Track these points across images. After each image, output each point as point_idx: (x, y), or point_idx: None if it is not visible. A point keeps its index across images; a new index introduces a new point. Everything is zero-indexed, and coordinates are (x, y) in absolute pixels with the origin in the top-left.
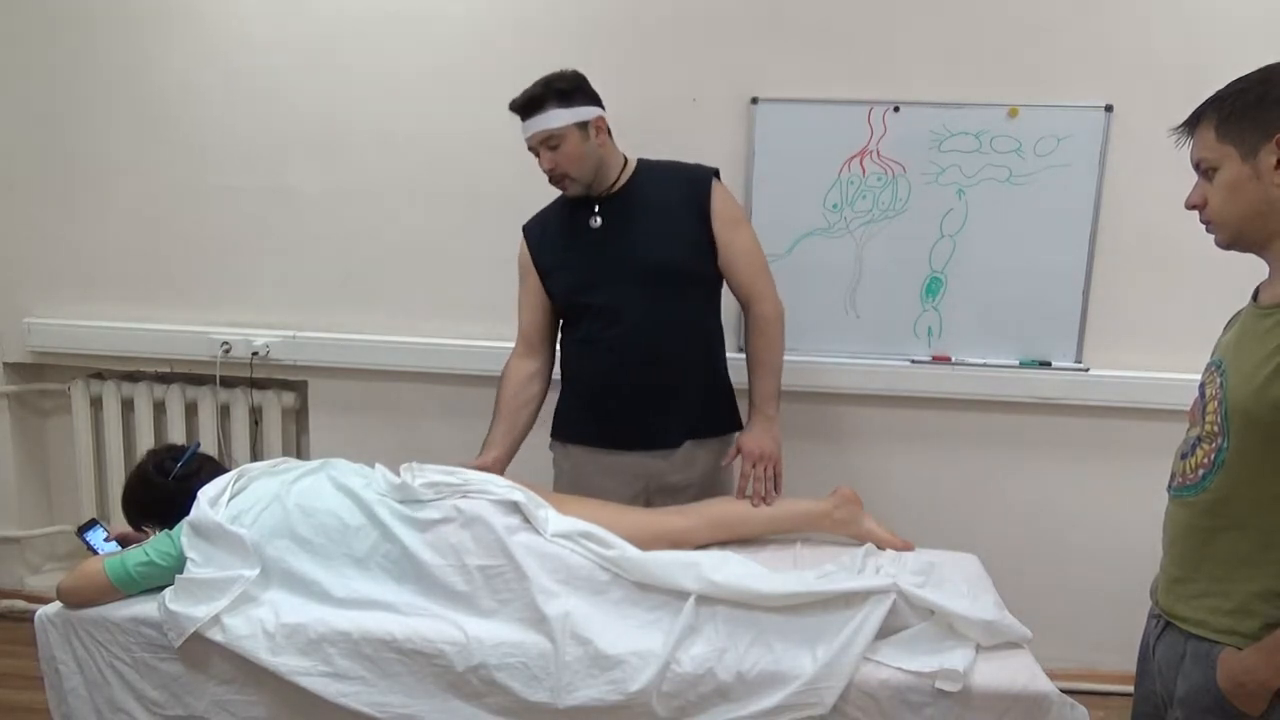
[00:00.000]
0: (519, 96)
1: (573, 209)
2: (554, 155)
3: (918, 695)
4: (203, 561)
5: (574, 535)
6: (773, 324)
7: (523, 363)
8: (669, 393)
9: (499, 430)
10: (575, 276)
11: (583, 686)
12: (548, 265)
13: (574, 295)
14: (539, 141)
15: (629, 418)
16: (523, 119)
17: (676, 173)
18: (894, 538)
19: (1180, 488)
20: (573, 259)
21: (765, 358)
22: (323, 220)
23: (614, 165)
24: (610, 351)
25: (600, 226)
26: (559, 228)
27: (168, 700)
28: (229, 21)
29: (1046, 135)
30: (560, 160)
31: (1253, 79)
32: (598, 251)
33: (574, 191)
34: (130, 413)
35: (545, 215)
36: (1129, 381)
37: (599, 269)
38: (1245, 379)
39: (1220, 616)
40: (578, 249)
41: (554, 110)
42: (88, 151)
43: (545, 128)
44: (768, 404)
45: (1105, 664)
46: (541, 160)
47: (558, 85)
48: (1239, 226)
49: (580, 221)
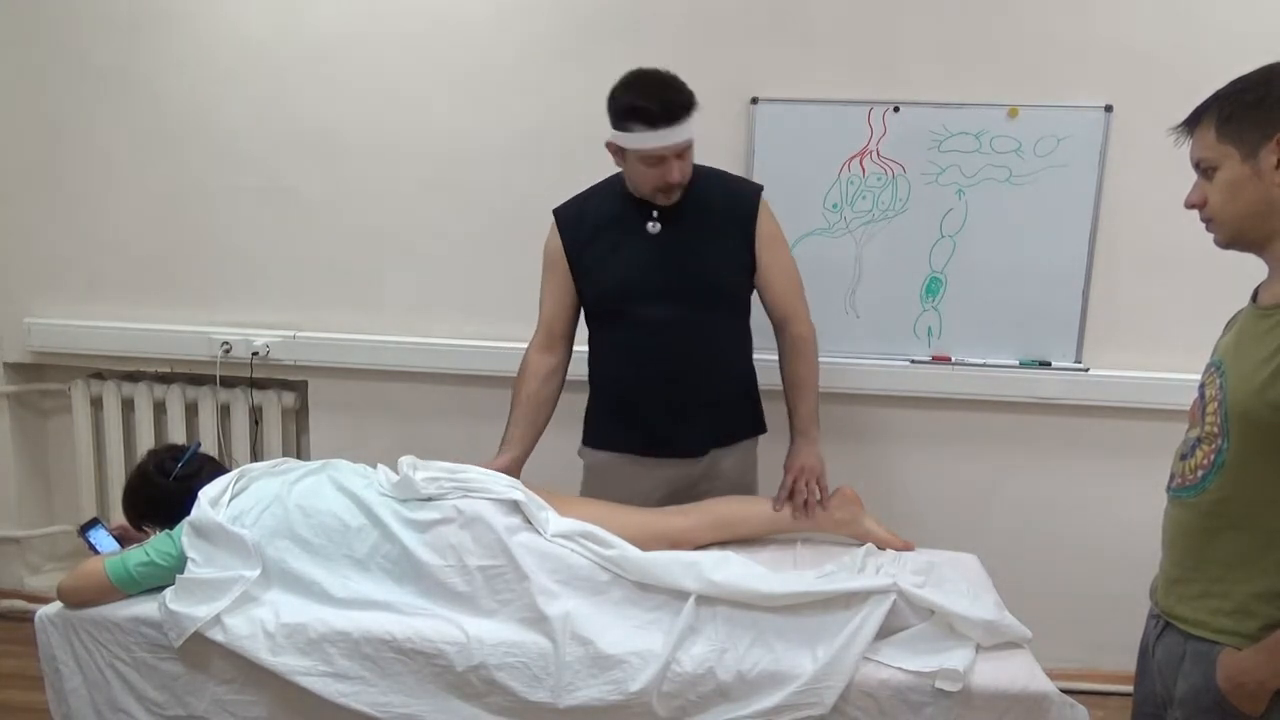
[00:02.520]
0: (652, 103)
1: (622, 206)
2: (684, 165)
3: (918, 695)
4: (203, 562)
5: (574, 535)
6: (809, 345)
7: (543, 357)
8: (702, 403)
9: (517, 429)
10: (621, 281)
11: (583, 686)
12: (587, 263)
13: (615, 300)
14: (676, 151)
15: (660, 426)
16: (656, 127)
17: (726, 187)
18: (894, 538)
19: (1180, 488)
20: (621, 262)
21: (804, 381)
22: (323, 220)
23: None
24: (646, 362)
25: (659, 233)
26: (605, 224)
27: (168, 700)
28: (229, 22)
29: (1046, 135)
30: (688, 170)
31: (1253, 79)
32: (651, 260)
33: (675, 200)
34: (130, 413)
35: (583, 205)
36: (1129, 381)
37: (649, 279)
38: (1245, 380)
39: (1220, 617)
40: (628, 253)
41: (690, 119)
42: (88, 152)
43: (687, 137)
44: (810, 427)
45: (1105, 664)
46: (671, 170)
47: (689, 92)
48: (1238, 226)
49: (632, 222)
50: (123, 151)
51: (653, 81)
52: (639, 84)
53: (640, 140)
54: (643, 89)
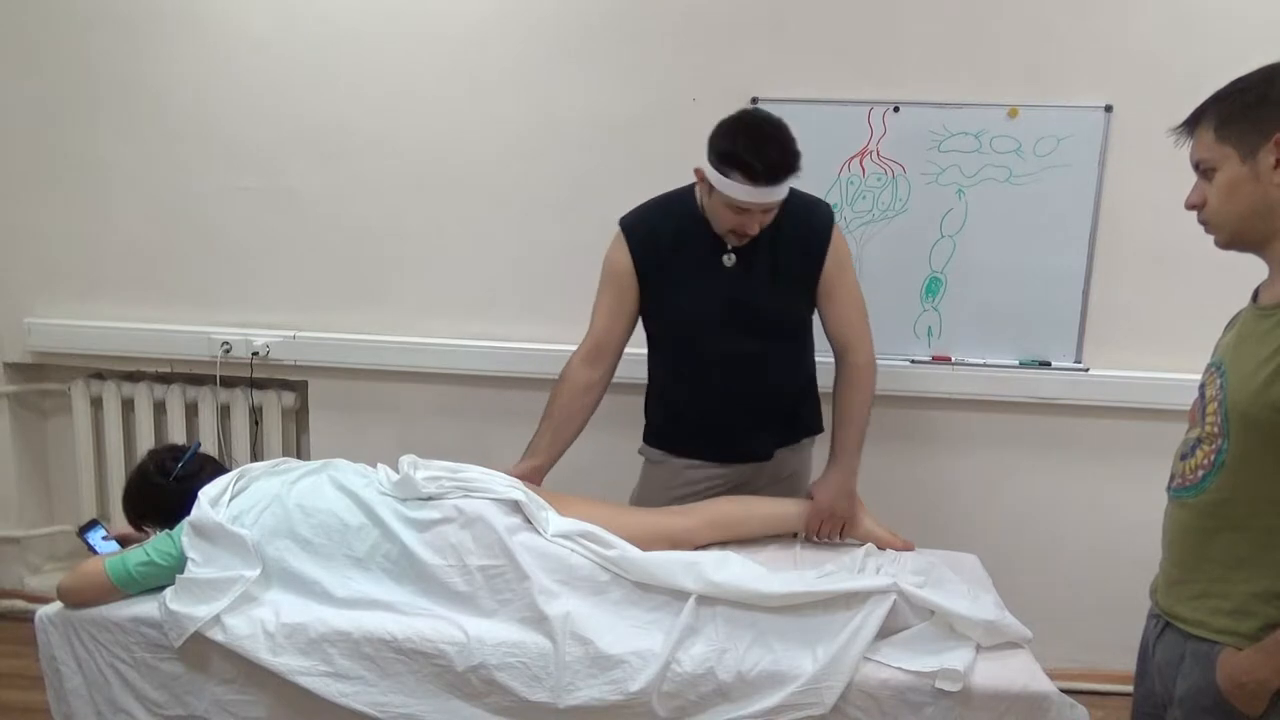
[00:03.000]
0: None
1: (695, 230)
2: (765, 219)
3: (918, 695)
4: (203, 561)
5: (574, 535)
6: (866, 374)
7: (585, 370)
8: (766, 418)
9: (545, 438)
10: (691, 313)
11: (583, 686)
12: (657, 286)
13: (682, 330)
14: (764, 209)
15: (723, 438)
16: (755, 184)
17: (800, 214)
18: (894, 537)
19: (1180, 488)
20: (696, 292)
21: (855, 412)
22: (323, 220)
23: None
24: (709, 387)
25: (732, 266)
26: (678, 249)
27: (168, 700)
28: (229, 22)
29: (1046, 135)
30: (768, 221)
31: (1252, 79)
32: (723, 293)
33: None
34: (130, 413)
35: (653, 223)
36: (1129, 381)
37: (720, 312)
38: (1245, 380)
39: (1220, 617)
40: (700, 284)
41: (791, 180)
42: (88, 151)
43: (781, 198)
44: (849, 456)
45: (1105, 664)
46: (749, 221)
47: (798, 150)
48: (1238, 227)
49: (706, 252)
50: (123, 151)
51: (765, 136)
52: (751, 135)
53: (733, 190)
54: (753, 142)
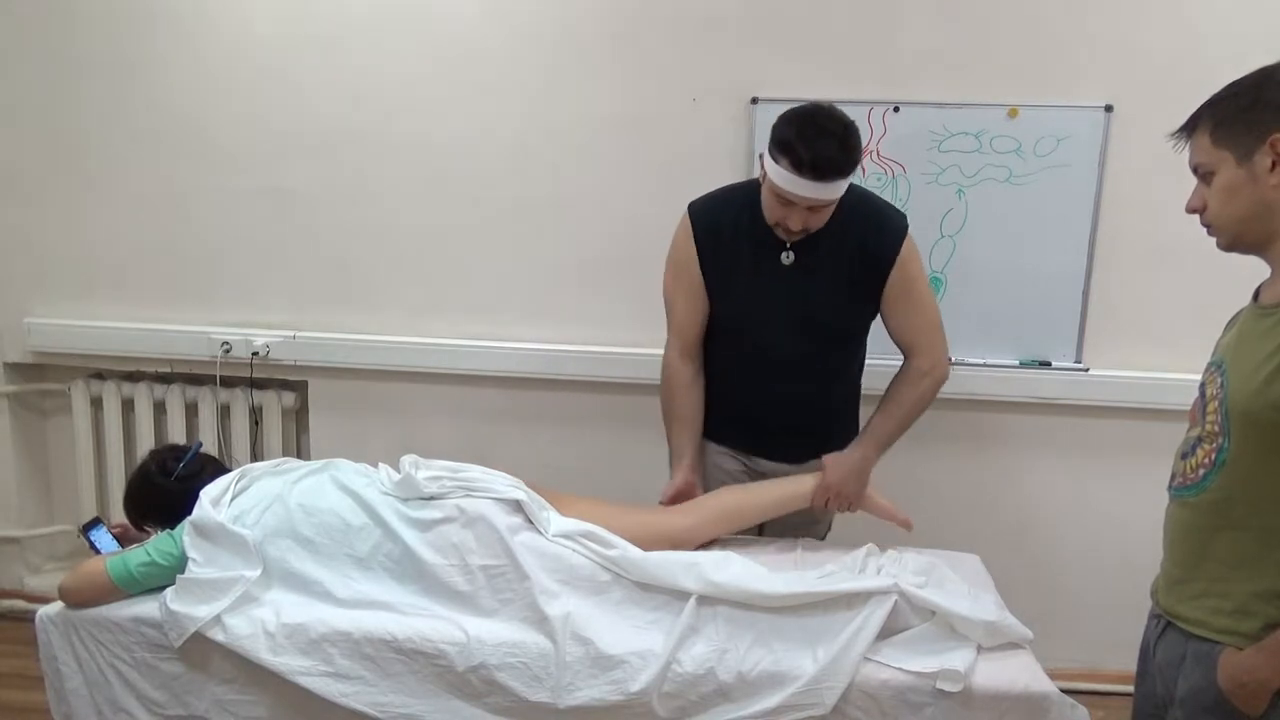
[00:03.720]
0: (810, 147)
1: (759, 224)
2: (810, 217)
3: (918, 696)
4: (204, 562)
5: (575, 535)
6: (928, 381)
7: (686, 366)
8: (808, 423)
9: (684, 439)
10: (752, 305)
11: (584, 686)
12: (719, 276)
13: (735, 322)
14: (809, 206)
15: (764, 439)
16: (800, 174)
17: (872, 221)
18: (892, 507)
19: (1180, 488)
20: (751, 288)
21: (900, 404)
22: (323, 220)
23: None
24: (758, 386)
25: (791, 264)
26: (740, 239)
27: (168, 700)
28: (229, 22)
29: (1046, 135)
30: (813, 222)
31: (1246, 83)
32: (779, 292)
33: (796, 239)
34: (130, 413)
35: (721, 213)
36: (1129, 381)
37: (775, 310)
38: (1246, 379)
39: (1220, 617)
40: (760, 279)
41: (841, 182)
42: (88, 152)
43: (828, 198)
44: (874, 444)
45: (1106, 664)
46: (791, 216)
47: (855, 157)
48: (1238, 229)
49: (767, 247)
50: (123, 151)
51: (822, 130)
52: (809, 125)
53: (779, 177)
54: (808, 133)
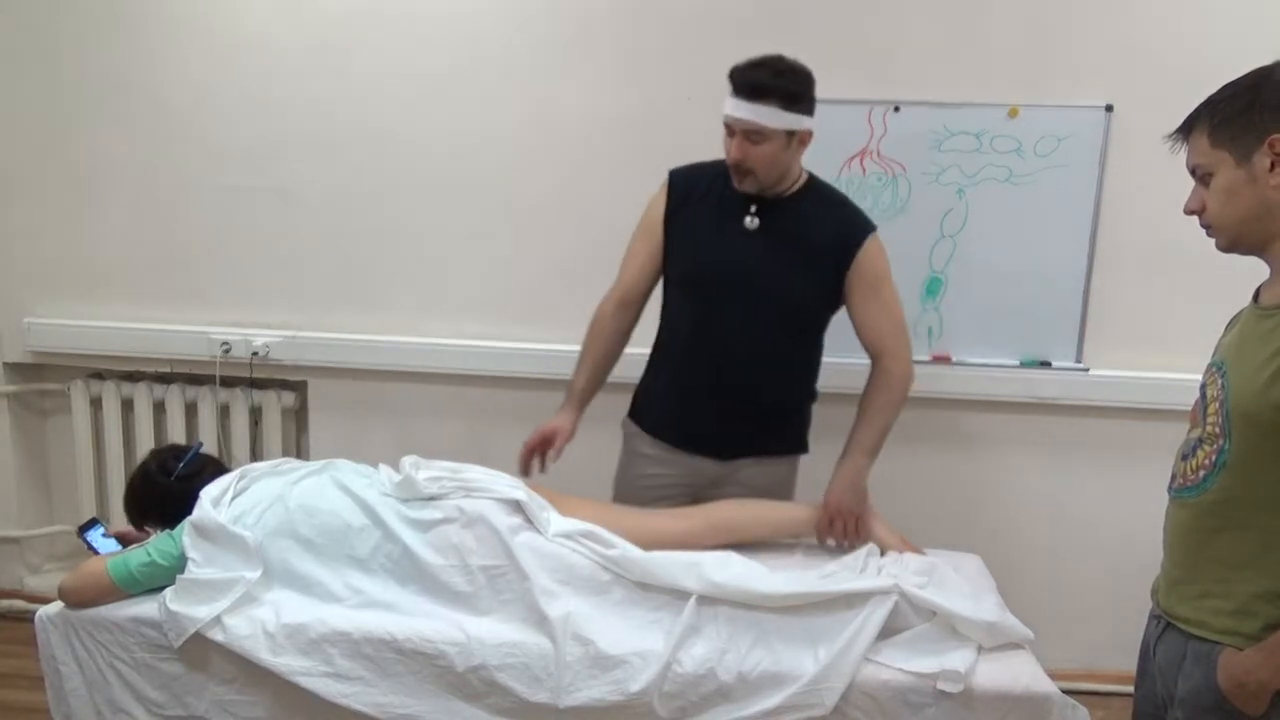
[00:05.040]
0: (745, 71)
1: (729, 186)
2: (749, 149)
3: (919, 696)
4: (204, 562)
5: (576, 535)
6: (898, 382)
7: (618, 316)
8: (744, 410)
9: (581, 381)
10: (707, 264)
11: (584, 687)
12: (679, 232)
13: (696, 281)
14: (742, 129)
15: (697, 421)
16: (735, 95)
17: (839, 212)
18: (905, 543)
19: (1181, 489)
20: (714, 243)
21: (877, 411)
22: (323, 220)
23: (792, 174)
24: (703, 352)
25: (755, 230)
26: (709, 199)
27: (168, 700)
28: (229, 22)
29: (1046, 135)
30: (753, 156)
31: (1243, 84)
32: (737, 252)
33: (747, 187)
34: (130, 413)
35: (699, 176)
36: (1129, 381)
37: (732, 271)
38: (1246, 380)
39: (1221, 617)
40: (723, 237)
41: (773, 108)
42: (88, 152)
43: (756, 121)
44: (860, 454)
45: (1106, 664)
46: (732, 145)
47: (788, 84)
48: (1237, 230)
49: (733, 208)
50: (122, 151)
51: (762, 60)
52: (756, 58)
53: (726, 104)
54: (751, 61)
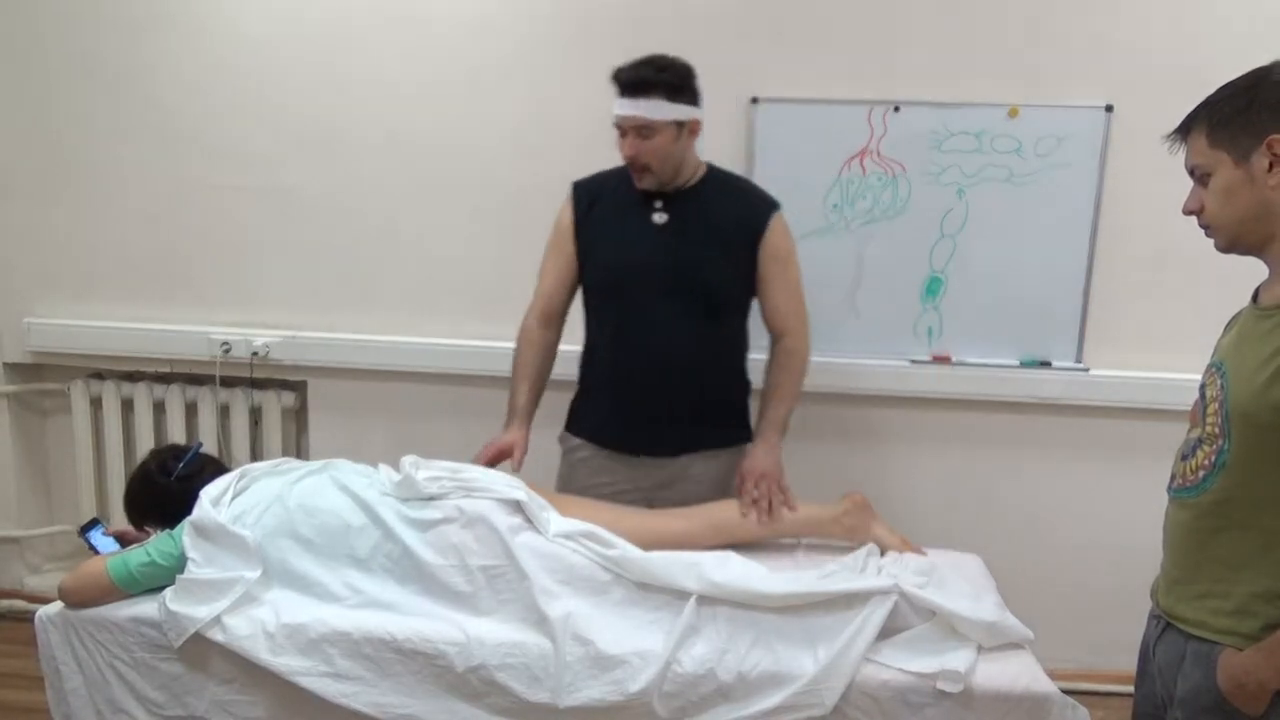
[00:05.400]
0: (626, 71)
1: (633, 188)
2: (641, 145)
3: (919, 696)
4: (204, 562)
5: (576, 535)
6: (799, 360)
7: (543, 332)
8: (683, 404)
9: (522, 395)
10: (621, 262)
11: (584, 687)
12: (589, 238)
13: (612, 284)
14: (632, 126)
15: (637, 421)
16: (621, 95)
17: (742, 195)
18: (905, 543)
19: (1180, 489)
20: (625, 243)
21: (783, 390)
22: (323, 220)
23: (690, 165)
24: (633, 351)
25: (663, 224)
26: (615, 205)
27: (168, 700)
28: (229, 22)
29: (1046, 135)
30: (646, 151)
31: (1241, 84)
32: (653, 248)
33: (647, 184)
34: (130, 413)
35: (602, 182)
36: (1129, 381)
37: (649, 266)
38: (1246, 381)
39: (1220, 617)
40: (633, 236)
41: (658, 101)
42: (88, 152)
43: (644, 115)
44: (773, 431)
45: (1106, 664)
46: (626, 144)
47: (669, 77)
48: (1236, 230)
49: (640, 207)
50: (122, 151)
51: (647, 58)
52: (640, 59)
53: (614, 106)
54: (634, 61)
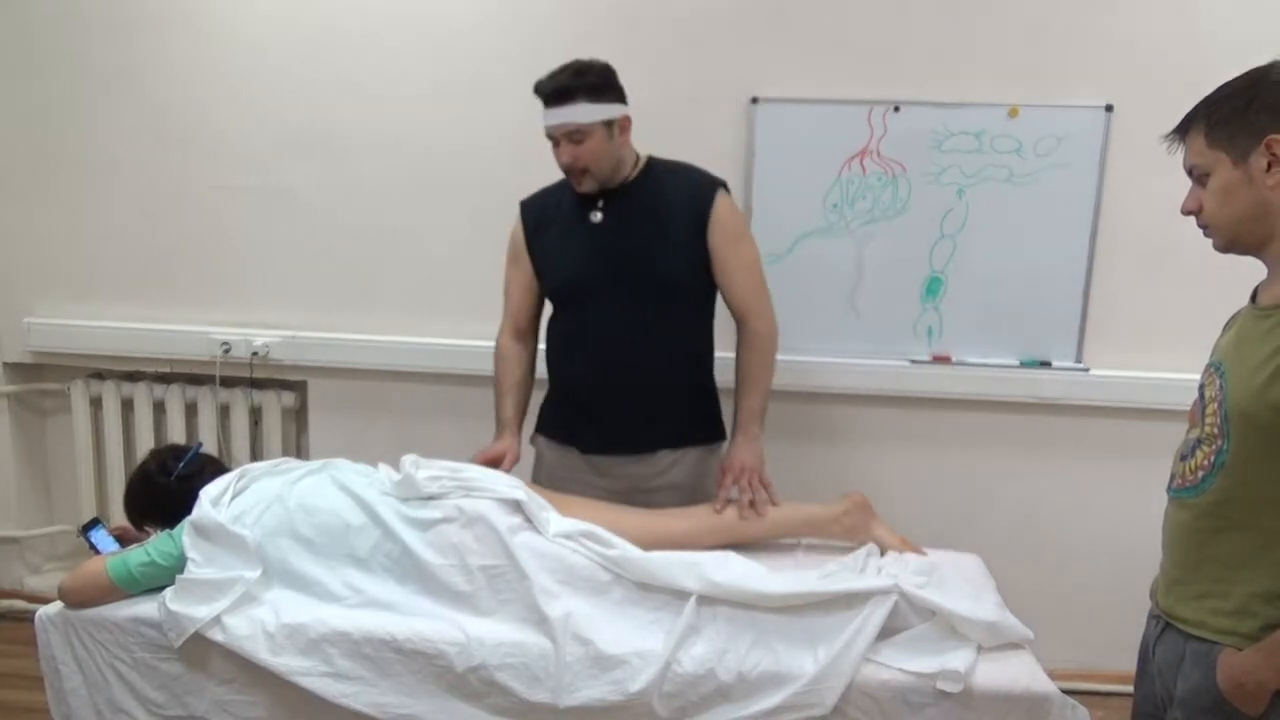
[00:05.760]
0: (546, 82)
1: (575, 195)
2: (576, 150)
3: (919, 696)
4: (204, 562)
5: (575, 535)
6: (765, 341)
7: (517, 346)
8: (649, 399)
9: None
10: (567, 269)
11: (584, 687)
12: (540, 250)
13: (563, 288)
14: (562, 134)
15: (607, 420)
16: (547, 106)
17: (684, 179)
18: (905, 543)
19: (1180, 489)
20: (568, 250)
21: (755, 375)
22: (322, 220)
23: (627, 161)
24: (593, 351)
25: (600, 222)
26: (558, 212)
27: (168, 700)
28: (228, 22)
29: (1046, 135)
30: (582, 155)
31: (1239, 84)
32: (594, 248)
33: (588, 187)
34: (130, 413)
35: (546, 196)
36: (1129, 381)
37: (592, 266)
38: (1245, 381)
39: (1220, 617)
40: (574, 241)
41: (583, 105)
42: (88, 151)
43: (571, 121)
44: (752, 422)
45: (1105, 664)
46: (561, 152)
47: (590, 79)
48: (1235, 230)
49: (581, 211)
50: (122, 151)
51: (564, 66)
52: (557, 68)
53: (542, 118)
54: (552, 71)
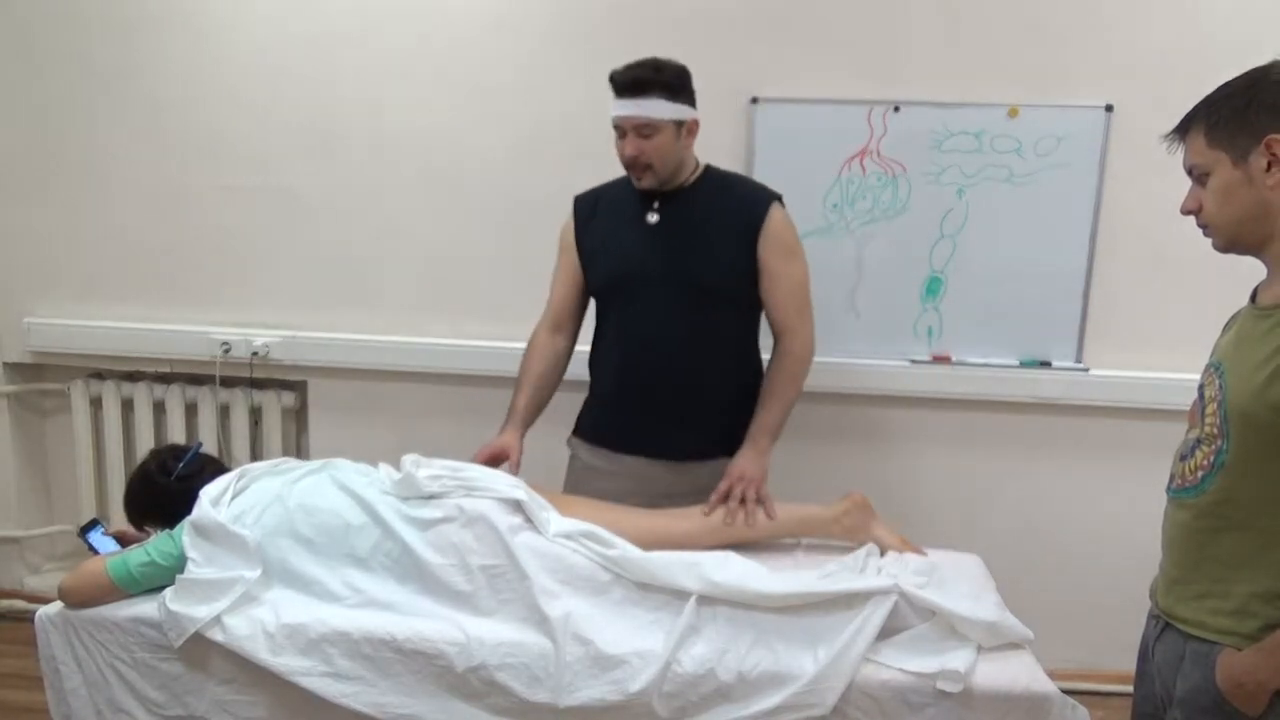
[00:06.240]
0: (623, 72)
1: (632, 195)
2: (643, 144)
3: (919, 696)
4: (204, 562)
5: (576, 535)
6: (797, 363)
7: (551, 339)
8: (687, 406)
9: (522, 399)
10: (617, 264)
11: (584, 687)
12: (590, 246)
13: (611, 287)
14: (632, 126)
15: (642, 423)
16: (619, 96)
17: (739, 190)
18: (905, 543)
19: (1179, 489)
20: (620, 246)
21: (778, 391)
22: (322, 220)
23: (688, 165)
24: (633, 350)
25: (656, 224)
26: (612, 210)
27: (168, 700)
28: (228, 21)
29: (1046, 135)
30: (648, 150)
31: (1239, 84)
32: (646, 249)
33: (647, 184)
34: (130, 413)
35: (600, 193)
36: (1129, 381)
37: (643, 267)
38: (1244, 381)
39: (1219, 617)
40: (627, 237)
41: (658, 100)
42: (88, 151)
43: (646, 115)
44: (764, 435)
45: (1105, 664)
46: (626, 144)
47: (667, 77)
48: (1235, 230)
49: (636, 211)
50: (122, 151)
51: (642, 60)
52: (634, 61)
53: (613, 107)
54: (630, 64)
